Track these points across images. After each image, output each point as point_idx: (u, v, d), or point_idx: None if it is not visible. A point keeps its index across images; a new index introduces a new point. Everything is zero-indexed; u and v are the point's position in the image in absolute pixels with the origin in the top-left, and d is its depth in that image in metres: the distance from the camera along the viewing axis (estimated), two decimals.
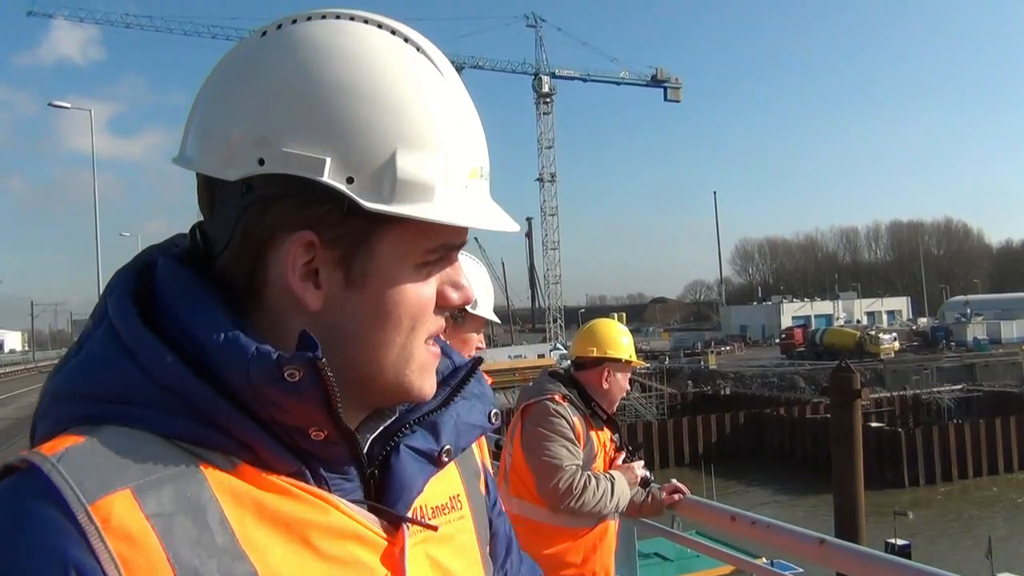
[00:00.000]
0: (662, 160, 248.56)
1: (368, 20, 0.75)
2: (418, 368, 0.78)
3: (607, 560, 3.14)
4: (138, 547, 0.61)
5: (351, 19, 0.75)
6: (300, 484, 0.70)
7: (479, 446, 0.99)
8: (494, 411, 0.91)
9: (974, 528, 25.93)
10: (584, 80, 79.49)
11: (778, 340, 71.11)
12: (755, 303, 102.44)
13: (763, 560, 5.80)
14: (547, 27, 78.73)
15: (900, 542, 21.05)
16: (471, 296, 0.82)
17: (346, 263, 0.73)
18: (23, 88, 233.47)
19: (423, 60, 0.75)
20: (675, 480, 3.36)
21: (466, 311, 2.49)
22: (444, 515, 0.86)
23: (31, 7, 68.63)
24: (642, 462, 3.27)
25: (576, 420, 3.10)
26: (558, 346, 54.91)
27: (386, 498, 0.78)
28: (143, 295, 0.73)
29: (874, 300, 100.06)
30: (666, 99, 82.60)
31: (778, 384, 47.48)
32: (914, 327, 77.17)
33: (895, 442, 32.02)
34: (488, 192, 0.81)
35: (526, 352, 53.37)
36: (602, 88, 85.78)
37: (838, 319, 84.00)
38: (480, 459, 1.02)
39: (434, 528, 0.81)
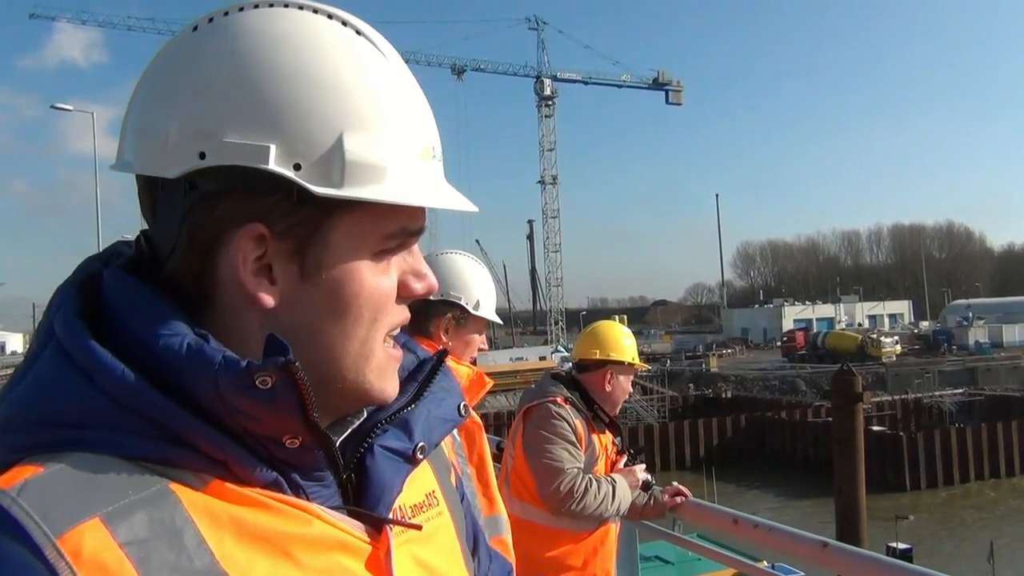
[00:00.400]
0: (664, 163, 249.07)
1: (303, 6, 0.72)
2: (377, 368, 0.75)
3: (608, 563, 3.13)
4: None
5: (285, 6, 0.72)
6: (277, 496, 0.68)
7: (445, 441, 0.98)
8: (462, 404, 0.89)
9: (976, 532, 25.89)
10: (586, 83, 79.71)
11: (780, 343, 71.17)
12: (757, 306, 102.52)
13: (764, 563, 5.77)
14: (549, 30, 79.02)
15: (902, 546, 21.05)
16: (434, 285, 0.79)
17: (300, 255, 0.70)
18: (26, 91, 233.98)
19: (364, 42, 0.73)
20: (676, 483, 3.35)
21: (468, 312, 2.47)
22: (423, 513, 0.85)
23: (33, 9, 68.95)
24: (643, 465, 3.26)
25: (578, 423, 3.10)
26: (559, 348, 54.89)
27: (365, 501, 0.76)
28: (90, 310, 0.69)
29: (876, 303, 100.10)
30: (668, 102, 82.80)
31: (779, 387, 47.47)
32: (916, 331, 77.15)
33: (896, 446, 32.00)
34: (442, 173, 0.79)
35: (527, 354, 53.39)
36: (604, 91, 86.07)
37: (840, 322, 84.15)
38: (448, 454, 1.01)
39: (418, 527, 0.79)
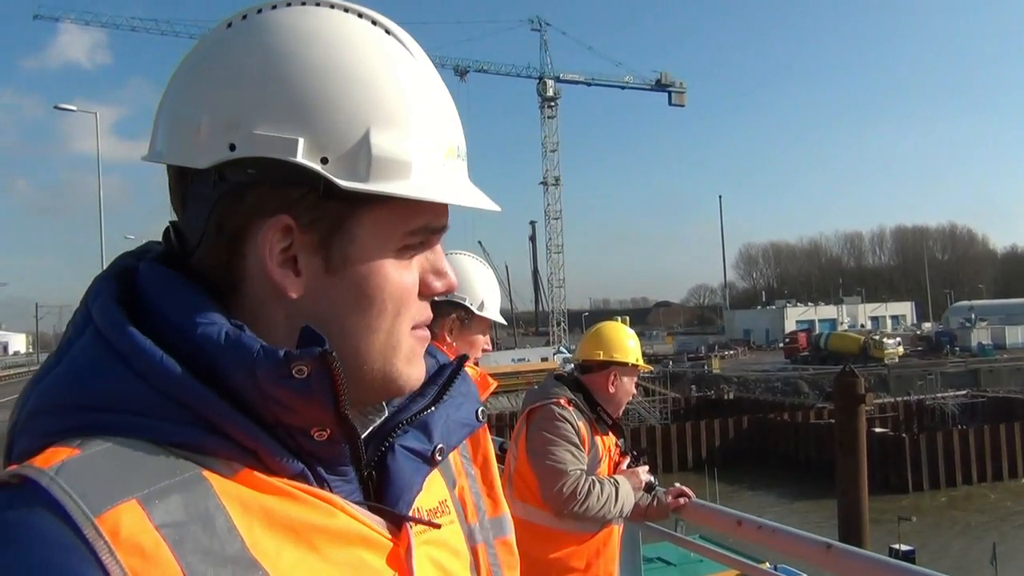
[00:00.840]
0: (666, 164, 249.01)
1: (334, 5, 0.74)
2: (405, 357, 0.76)
3: (611, 565, 3.13)
4: (151, 561, 0.57)
5: (317, 4, 0.74)
6: (304, 487, 0.69)
7: (452, 458, 0.99)
8: (480, 409, 0.91)
9: (979, 534, 25.85)
10: (588, 84, 79.72)
11: (782, 344, 71.08)
12: (759, 307, 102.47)
13: (767, 565, 5.76)
14: (552, 31, 78.90)
15: (904, 547, 21.02)
16: (454, 284, 0.80)
17: (325, 247, 0.71)
18: (30, 91, 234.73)
19: (392, 41, 0.74)
20: (679, 484, 3.34)
21: (473, 313, 2.47)
22: (437, 518, 0.86)
23: (37, 10, 69.05)
24: (646, 467, 3.25)
25: (581, 424, 3.10)
26: (561, 349, 54.85)
27: (385, 499, 0.77)
28: (126, 300, 0.71)
29: (878, 305, 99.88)
30: (670, 103, 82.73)
31: (782, 389, 47.40)
32: (918, 332, 77.04)
33: (899, 447, 31.96)
34: (466, 172, 0.80)
35: (529, 355, 53.36)
36: (606, 92, 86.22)
37: (842, 324, 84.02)
38: (455, 466, 1.02)
39: (437, 526, 0.81)
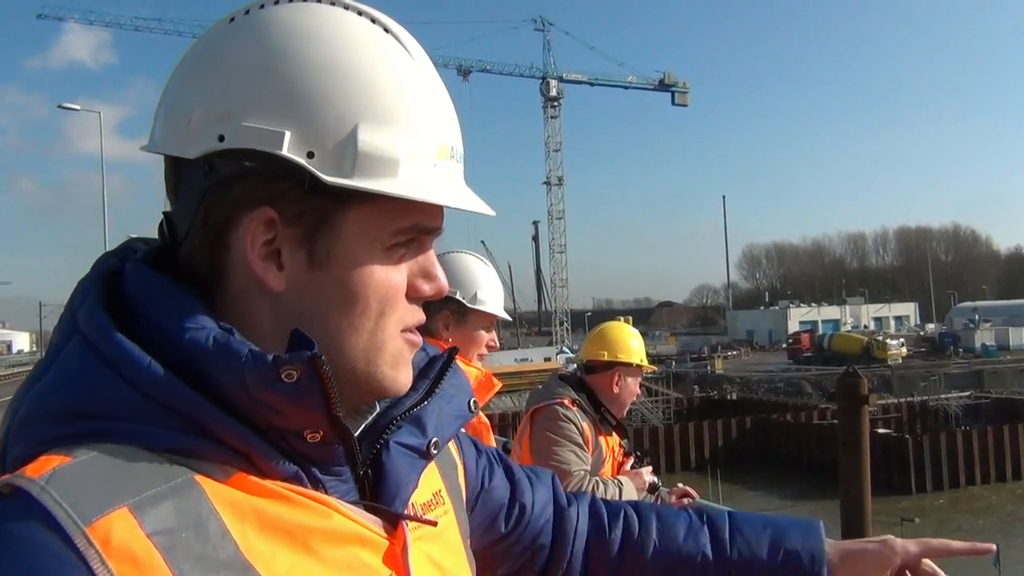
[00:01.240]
0: (669, 164, 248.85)
1: (335, 3, 0.74)
2: (391, 358, 0.76)
3: None
4: (143, 568, 0.57)
5: (318, 1, 0.74)
6: (298, 489, 0.69)
7: (450, 445, 1.00)
8: (471, 400, 0.91)
9: (982, 535, 25.80)
10: (592, 84, 79.70)
11: (785, 345, 70.85)
12: (762, 308, 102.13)
13: None
14: (555, 31, 78.96)
15: None
16: (444, 287, 0.80)
17: (309, 242, 0.71)
18: (34, 91, 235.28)
19: (391, 40, 0.74)
20: (682, 484, 3.35)
21: (467, 308, 2.45)
22: (431, 511, 0.86)
23: (41, 10, 69.15)
24: (650, 467, 3.26)
25: (585, 425, 3.10)
26: (564, 349, 54.80)
27: (381, 497, 0.77)
28: (112, 304, 0.70)
29: (882, 306, 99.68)
30: (674, 103, 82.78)
31: (785, 389, 47.28)
32: (922, 333, 76.75)
33: (902, 448, 31.86)
34: (461, 175, 0.79)
35: (532, 355, 53.27)
36: (610, 92, 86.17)
37: (845, 324, 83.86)
38: (454, 451, 1.02)
39: (434, 523, 0.81)
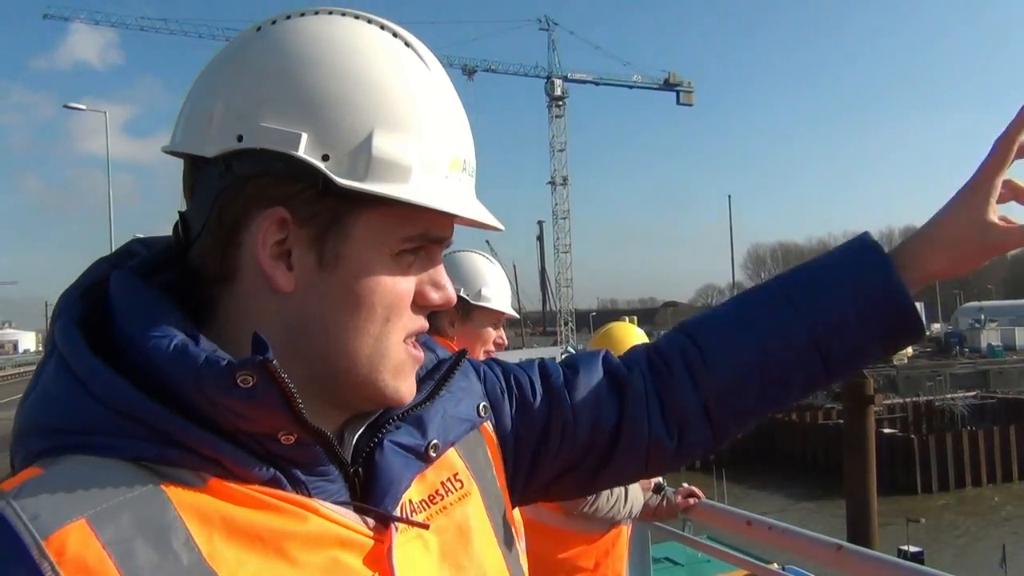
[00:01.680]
0: (674, 163, 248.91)
1: (359, 16, 0.76)
2: (393, 368, 0.76)
3: (620, 565, 3.12)
4: None
5: (342, 15, 0.76)
6: (275, 492, 0.68)
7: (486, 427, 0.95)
8: (483, 404, 0.90)
9: (988, 536, 25.74)
10: (596, 83, 79.51)
11: None
12: None
13: (775, 565, 5.75)
14: (559, 30, 78.72)
15: (913, 549, 20.96)
16: (452, 297, 0.80)
17: (320, 244, 0.72)
18: (40, 90, 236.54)
19: (409, 52, 0.76)
20: (687, 484, 3.33)
21: (472, 305, 2.51)
22: (434, 505, 0.83)
23: (47, 10, 69.29)
24: None
25: None
26: (569, 349, 54.78)
27: (372, 496, 0.76)
28: (96, 316, 0.71)
29: None
30: (679, 103, 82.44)
31: None
32: (928, 333, 76.46)
33: (908, 448, 31.85)
34: (472, 188, 0.80)
35: (537, 355, 53.20)
36: (614, 91, 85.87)
37: None
38: (486, 434, 0.96)
39: (425, 526, 0.79)
